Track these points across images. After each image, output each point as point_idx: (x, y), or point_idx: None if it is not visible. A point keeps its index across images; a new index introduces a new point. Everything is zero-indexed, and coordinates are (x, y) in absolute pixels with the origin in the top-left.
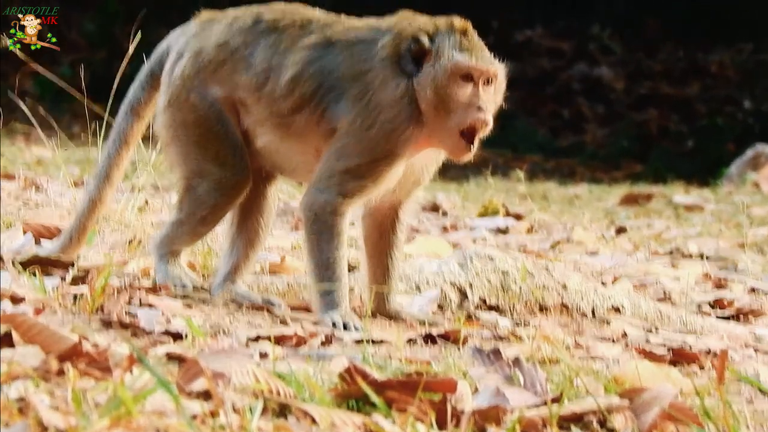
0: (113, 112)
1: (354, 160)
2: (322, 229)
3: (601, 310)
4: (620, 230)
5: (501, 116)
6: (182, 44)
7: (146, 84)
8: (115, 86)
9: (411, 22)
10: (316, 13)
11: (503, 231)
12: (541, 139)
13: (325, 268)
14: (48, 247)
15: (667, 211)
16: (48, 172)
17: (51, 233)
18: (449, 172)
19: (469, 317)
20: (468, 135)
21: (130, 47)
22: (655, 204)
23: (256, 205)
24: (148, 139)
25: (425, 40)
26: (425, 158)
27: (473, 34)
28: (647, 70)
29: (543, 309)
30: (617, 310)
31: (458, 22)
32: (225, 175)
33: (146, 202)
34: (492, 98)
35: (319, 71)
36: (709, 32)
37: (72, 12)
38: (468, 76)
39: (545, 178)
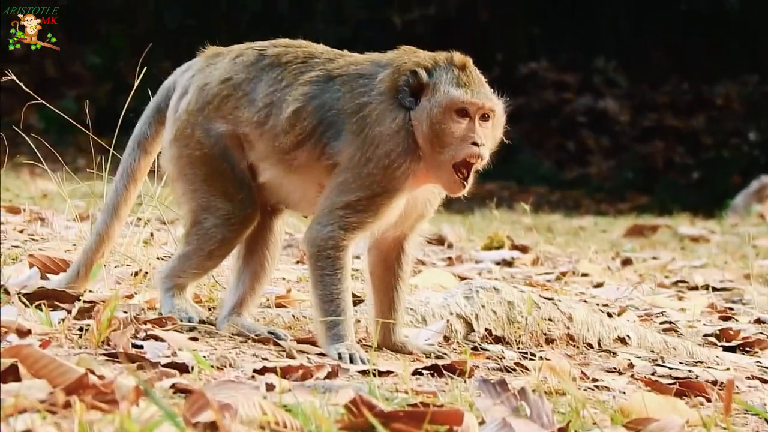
0: (118, 146)
1: (354, 195)
2: (325, 264)
3: (607, 341)
4: (626, 262)
5: (506, 149)
6: (187, 79)
7: (152, 119)
8: (120, 120)
9: (411, 56)
10: (319, 48)
11: (509, 263)
12: (546, 171)
13: (329, 301)
14: (56, 281)
15: (673, 243)
16: (53, 206)
17: (57, 266)
18: (454, 204)
19: (475, 349)
20: (462, 169)
21: (136, 81)
22: (661, 236)
23: (263, 238)
24: (153, 172)
25: (423, 74)
26: (427, 191)
27: (473, 70)
28: (652, 103)
29: (549, 340)
30: (623, 341)
31: (458, 57)
32: (232, 210)
33: (152, 235)
34: (490, 134)
35: (319, 106)
36: (715, 64)
37: (76, 45)
38: (463, 111)
39: (550, 211)
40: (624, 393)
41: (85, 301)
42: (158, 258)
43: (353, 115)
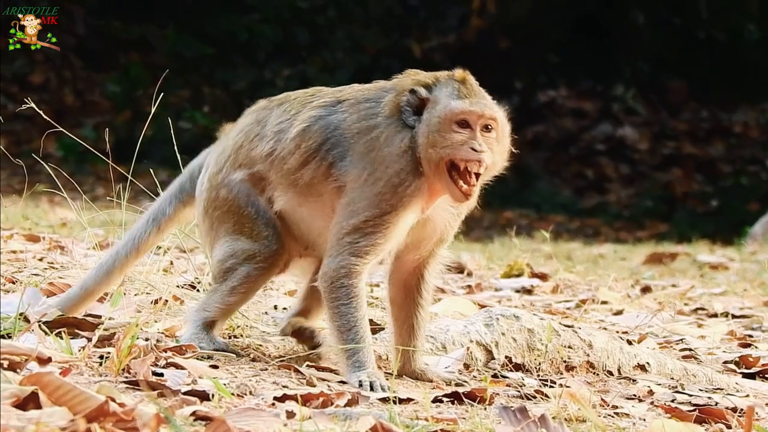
0: (137, 174)
1: (362, 216)
2: (339, 294)
3: (627, 368)
4: (645, 289)
5: (524, 177)
6: (206, 156)
7: (174, 198)
8: (138, 148)
9: (412, 77)
10: (329, 88)
11: (528, 291)
12: (565, 199)
13: (347, 330)
14: (49, 302)
15: (692, 271)
16: (72, 234)
17: None
18: (474, 232)
19: (495, 376)
20: (461, 174)
21: (153, 108)
22: (680, 263)
23: None
24: None
25: (422, 91)
26: (444, 214)
27: (473, 83)
28: (671, 131)
29: (569, 368)
30: (643, 368)
31: (458, 72)
32: (257, 249)
33: (171, 263)
34: (495, 143)
35: (324, 126)
36: (733, 92)
37: (95, 74)
38: (464, 122)
39: (570, 239)
40: (644, 420)
41: (105, 329)
42: (178, 286)
43: (360, 136)
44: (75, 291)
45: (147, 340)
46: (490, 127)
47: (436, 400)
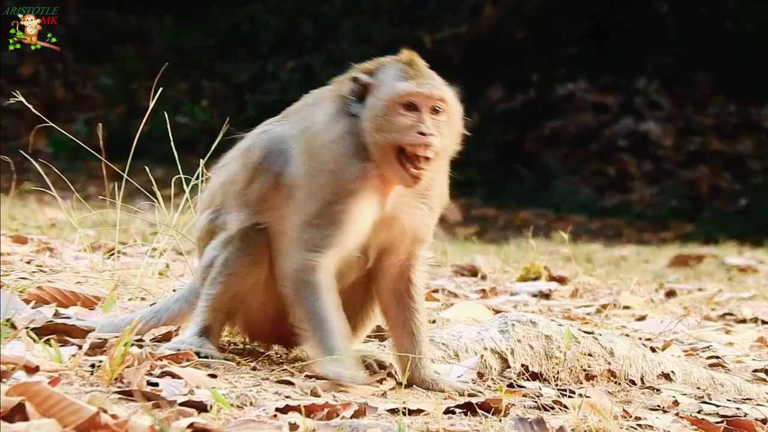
0: (132, 172)
1: (309, 210)
2: (304, 293)
3: (651, 377)
4: (670, 294)
5: (542, 175)
6: None
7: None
8: (134, 145)
9: (355, 68)
10: None
11: (546, 295)
12: (585, 198)
13: (316, 324)
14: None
15: (719, 273)
16: (62, 236)
17: (67, 299)
18: (488, 233)
19: (510, 386)
20: (410, 158)
21: (150, 104)
22: (707, 266)
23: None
24: (169, 198)
25: (364, 77)
26: (412, 211)
27: (420, 64)
28: (697, 126)
29: (589, 377)
30: (667, 377)
31: (404, 53)
32: (233, 234)
33: (167, 266)
34: (443, 126)
35: (267, 139)
36: (762, 86)
37: (88, 66)
38: (411, 105)
39: (590, 240)
40: None
41: (97, 337)
42: (174, 290)
43: (301, 136)
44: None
45: (141, 347)
46: (438, 109)
47: (448, 412)
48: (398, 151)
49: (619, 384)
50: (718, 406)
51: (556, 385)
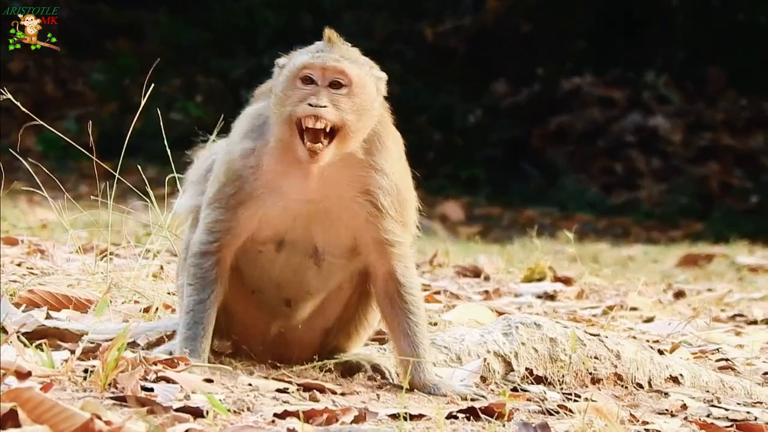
0: (124, 171)
1: (210, 192)
2: (189, 273)
3: (659, 380)
4: (679, 294)
5: (547, 172)
6: None
7: None
8: (126, 142)
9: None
10: None
11: (551, 296)
12: (592, 196)
13: (185, 312)
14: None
15: (730, 273)
16: (54, 237)
17: (59, 303)
18: (492, 233)
19: (514, 390)
20: (300, 131)
21: (143, 100)
22: (717, 265)
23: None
24: (163, 198)
25: (281, 60)
26: (348, 204)
27: (336, 40)
28: (707, 121)
29: (595, 380)
30: (676, 380)
31: (325, 32)
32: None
33: (161, 268)
34: (343, 100)
35: (208, 155)
36: None
37: (79, 61)
38: (308, 79)
39: (596, 239)
40: None
41: (90, 341)
42: (168, 293)
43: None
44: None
45: (135, 352)
46: (338, 82)
47: (450, 417)
48: (298, 126)
49: (626, 387)
50: (727, 409)
51: (561, 388)
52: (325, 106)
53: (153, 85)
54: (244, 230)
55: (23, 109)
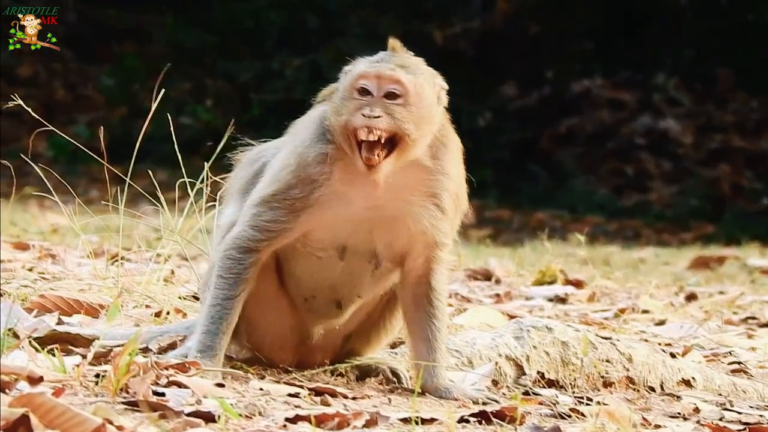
0: (134, 176)
1: (270, 189)
2: (223, 266)
3: (671, 384)
4: (690, 297)
5: (557, 174)
6: None
7: None
8: (136, 147)
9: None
10: None
11: (562, 299)
12: (602, 198)
13: (211, 305)
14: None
15: (742, 276)
16: (65, 242)
17: (70, 308)
18: (502, 236)
19: (526, 393)
20: (358, 142)
21: (153, 104)
22: (729, 268)
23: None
24: (174, 202)
25: (347, 67)
26: (409, 207)
27: (398, 49)
28: (718, 123)
29: (607, 383)
30: (688, 383)
31: (389, 42)
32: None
33: (172, 272)
34: (398, 110)
35: (265, 149)
36: None
37: (87, 66)
38: (364, 90)
39: (607, 242)
40: None
41: (101, 346)
42: (180, 297)
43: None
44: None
45: (146, 356)
46: (394, 93)
47: (461, 420)
48: (354, 137)
49: (638, 391)
50: (740, 413)
51: (573, 392)
52: (378, 117)
53: (163, 90)
54: (296, 233)
55: (34, 115)
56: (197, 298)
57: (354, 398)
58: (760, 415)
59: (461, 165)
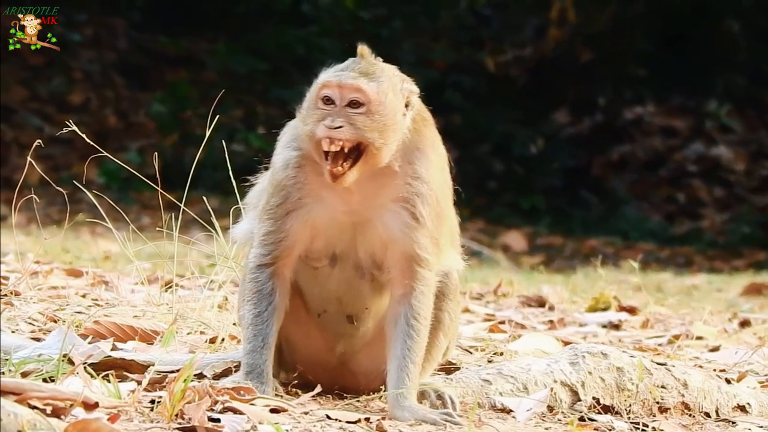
0: (188, 202)
1: (260, 205)
2: (246, 288)
3: (726, 409)
4: (744, 323)
5: (610, 201)
6: None
7: None
8: (191, 173)
9: None
10: None
11: (616, 326)
12: (655, 225)
13: (245, 328)
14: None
15: None
16: (117, 268)
17: (125, 334)
18: (555, 262)
19: (581, 419)
20: (324, 153)
21: (207, 131)
22: None
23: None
24: (227, 229)
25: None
26: (389, 216)
27: (366, 56)
28: None
29: (662, 409)
30: (743, 409)
31: (358, 47)
32: None
33: (226, 299)
34: (360, 119)
35: None
36: None
37: (139, 93)
38: (328, 99)
39: (660, 268)
40: None
41: (156, 372)
42: (234, 323)
43: None
44: None
45: (201, 382)
46: (356, 101)
47: None
48: (320, 147)
49: (694, 417)
50: None
51: (629, 418)
52: (339, 127)
53: (217, 117)
54: (295, 241)
55: (86, 141)
56: None
57: (410, 425)
58: None
59: (443, 173)
